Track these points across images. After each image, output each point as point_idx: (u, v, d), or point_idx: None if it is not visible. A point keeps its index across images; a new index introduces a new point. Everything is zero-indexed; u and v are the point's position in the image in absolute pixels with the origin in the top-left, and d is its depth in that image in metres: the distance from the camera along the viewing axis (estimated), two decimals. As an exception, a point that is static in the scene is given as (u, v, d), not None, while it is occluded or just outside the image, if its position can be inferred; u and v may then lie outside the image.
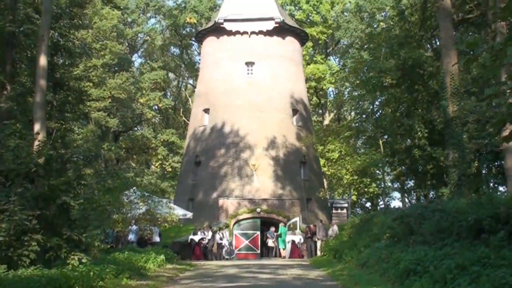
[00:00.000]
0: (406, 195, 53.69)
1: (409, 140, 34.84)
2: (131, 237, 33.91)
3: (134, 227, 34.21)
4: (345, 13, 63.79)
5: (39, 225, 17.65)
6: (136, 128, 74.80)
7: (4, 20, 28.19)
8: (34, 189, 18.49)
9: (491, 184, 31.91)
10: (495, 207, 17.29)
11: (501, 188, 32.50)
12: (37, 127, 23.37)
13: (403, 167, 38.19)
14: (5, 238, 16.74)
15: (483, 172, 29.73)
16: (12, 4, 28.85)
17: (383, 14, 54.53)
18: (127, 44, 74.56)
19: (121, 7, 58.50)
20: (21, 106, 28.78)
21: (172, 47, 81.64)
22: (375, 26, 50.31)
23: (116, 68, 63.71)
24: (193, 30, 73.67)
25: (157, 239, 36.12)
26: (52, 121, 29.45)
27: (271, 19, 49.37)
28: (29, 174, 18.81)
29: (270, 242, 41.42)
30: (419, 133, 32.74)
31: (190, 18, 71.44)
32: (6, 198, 17.53)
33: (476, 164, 28.37)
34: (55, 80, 30.24)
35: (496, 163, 30.33)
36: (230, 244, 39.59)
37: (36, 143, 21.16)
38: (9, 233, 16.88)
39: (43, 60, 24.35)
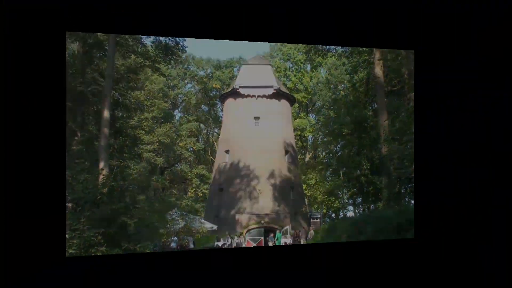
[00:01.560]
0: (356, 208, 54.73)
1: (358, 171, 35.96)
2: (173, 245, 33.36)
3: (175, 238, 33.74)
4: (319, 84, 66.33)
5: (103, 240, 17.08)
6: (176, 165, 74.30)
7: (76, 81, 27.62)
8: (99, 212, 17.89)
9: (407, 199, 33.26)
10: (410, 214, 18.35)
11: (412, 201, 33.64)
12: (101, 165, 23.02)
13: (355, 189, 39.32)
14: (76, 251, 16.09)
15: (402, 191, 31.31)
16: (82, 69, 28.35)
17: (342, 85, 56.81)
18: (170, 102, 74.35)
19: (166, 75, 58.63)
20: (89, 148, 28.04)
21: (202, 105, 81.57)
22: (337, 93, 53.87)
23: (162, 120, 63.51)
24: (218, 93, 73.63)
25: (192, 246, 35.58)
26: (113, 160, 28.83)
27: (271, 86, 50.14)
28: (95, 201, 18.28)
29: (271, 244, 41.43)
30: (364, 166, 34.40)
31: (215, 85, 72.32)
32: (77, 220, 17.01)
33: (398, 186, 30.23)
34: (116, 128, 29.55)
35: (410, 185, 31.75)
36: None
37: (101, 177, 20.59)
38: (80, 247, 16.32)
39: (106, 113, 24.23)
